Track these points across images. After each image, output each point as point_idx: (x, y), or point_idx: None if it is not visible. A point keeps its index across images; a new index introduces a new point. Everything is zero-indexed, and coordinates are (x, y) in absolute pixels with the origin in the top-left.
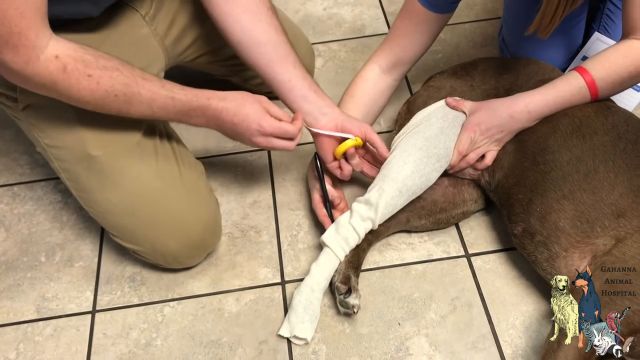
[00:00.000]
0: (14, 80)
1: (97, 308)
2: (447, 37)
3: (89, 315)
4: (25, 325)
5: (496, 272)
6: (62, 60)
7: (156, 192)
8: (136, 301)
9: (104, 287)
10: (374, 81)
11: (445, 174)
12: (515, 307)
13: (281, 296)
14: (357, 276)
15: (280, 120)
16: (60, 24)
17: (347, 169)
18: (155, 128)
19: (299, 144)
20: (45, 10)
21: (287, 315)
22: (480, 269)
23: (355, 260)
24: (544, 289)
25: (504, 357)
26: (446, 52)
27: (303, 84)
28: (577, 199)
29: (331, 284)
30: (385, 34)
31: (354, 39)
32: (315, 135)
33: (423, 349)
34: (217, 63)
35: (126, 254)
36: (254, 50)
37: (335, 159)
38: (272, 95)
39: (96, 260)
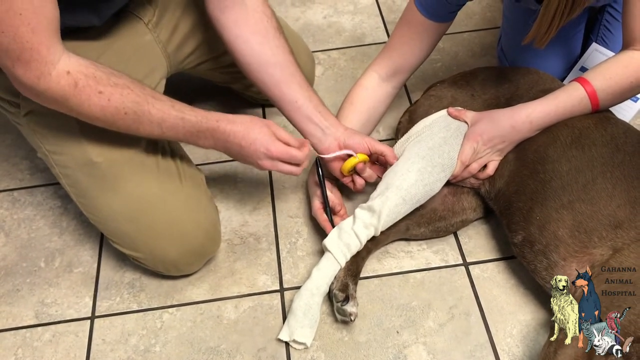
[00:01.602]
0: (26, 94)
1: (96, 314)
2: (446, 46)
3: (88, 321)
4: (24, 330)
5: (494, 280)
6: (74, 76)
7: (156, 199)
8: (135, 307)
9: (103, 293)
10: (373, 89)
11: (446, 183)
12: (513, 315)
13: (280, 303)
14: (356, 284)
15: (288, 144)
16: (63, 32)
17: (360, 183)
18: None
19: None
20: (57, 26)
21: (286, 320)
22: (478, 277)
23: (354, 267)
24: (541, 298)
25: None
26: (445, 61)
27: (309, 105)
28: (576, 209)
29: (329, 291)
30: (385, 42)
31: (353, 47)
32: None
33: (421, 357)
34: (219, 70)
35: (125, 260)
36: (262, 71)
37: (345, 175)
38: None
39: (95, 266)
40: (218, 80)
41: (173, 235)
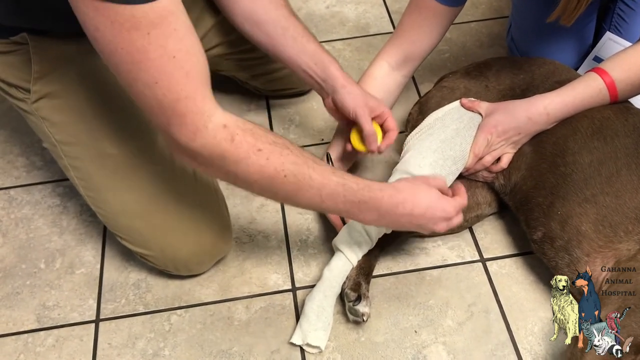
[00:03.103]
0: (181, 156)
1: (101, 317)
2: (453, 37)
3: (93, 325)
4: (26, 335)
5: (513, 277)
6: (231, 130)
7: (171, 196)
8: (142, 309)
9: (108, 294)
10: (383, 79)
11: (458, 176)
12: (533, 312)
13: (292, 303)
14: (368, 283)
15: (448, 194)
16: (78, 34)
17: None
18: None
19: (306, 145)
20: (208, 73)
21: (299, 323)
22: (496, 274)
23: (366, 266)
24: None
25: None
26: (453, 52)
27: (303, 58)
28: (600, 202)
29: (341, 291)
30: (390, 32)
31: (358, 37)
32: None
33: (441, 358)
34: (227, 56)
35: (130, 259)
36: (256, 30)
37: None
38: (279, 94)
39: (98, 266)
40: (224, 68)
41: (186, 234)
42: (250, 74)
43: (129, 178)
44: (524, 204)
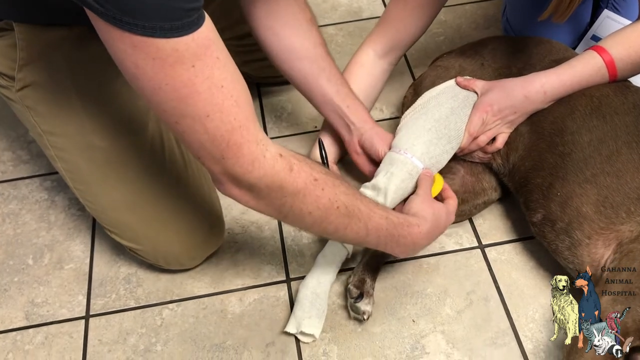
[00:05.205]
0: (233, 191)
1: (91, 313)
2: (448, 19)
3: (83, 321)
4: (14, 333)
5: (512, 263)
6: (287, 159)
7: (161, 188)
8: (133, 304)
9: (98, 290)
10: (370, 66)
11: (458, 160)
12: (534, 299)
13: (287, 294)
14: (374, 280)
15: (444, 195)
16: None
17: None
18: (161, 122)
19: (299, 133)
20: (251, 100)
21: (292, 311)
22: (495, 260)
23: (373, 262)
24: None
25: (525, 353)
26: (448, 35)
27: (337, 99)
28: (600, 182)
29: (345, 286)
30: None
31: (351, 22)
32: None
33: (440, 347)
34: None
35: (120, 253)
36: (291, 64)
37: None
38: (271, 81)
39: (88, 261)
40: None
41: (177, 227)
42: (243, 59)
43: (118, 170)
44: (523, 185)
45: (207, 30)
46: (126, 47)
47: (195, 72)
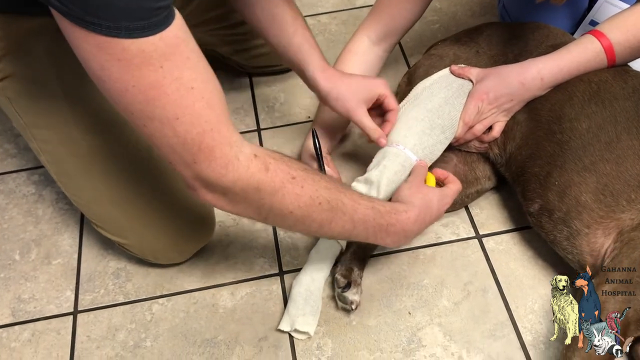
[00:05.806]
0: (207, 196)
1: (79, 308)
2: (444, 6)
3: (71, 317)
4: (0, 330)
5: (510, 253)
6: (262, 159)
7: (147, 181)
8: (122, 299)
9: (86, 285)
10: (364, 54)
11: (452, 148)
12: (533, 290)
13: (280, 288)
14: (362, 269)
15: (446, 181)
16: None
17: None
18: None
19: (292, 124)
20: (225, 101)
21: (286, 308)
22: (493, 250)
23: (361, 251)
24: (562, 270)
25: (524, 344)
26: (443, 22)
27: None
28: (600, 170)
29: (333, 276)
30: None
31: (344, 10)
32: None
33: (437, 340)
34: (211, 32)
35: (109, 248)
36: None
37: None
38: (263, 71)
39: (76, 256)
40: (207, 43)
41: (164, 221)
42: (234, 48)
43: (103, 163)
44: (520, 175)
45: (177, 28)
46: (91, 47)
47: (163, 73)
